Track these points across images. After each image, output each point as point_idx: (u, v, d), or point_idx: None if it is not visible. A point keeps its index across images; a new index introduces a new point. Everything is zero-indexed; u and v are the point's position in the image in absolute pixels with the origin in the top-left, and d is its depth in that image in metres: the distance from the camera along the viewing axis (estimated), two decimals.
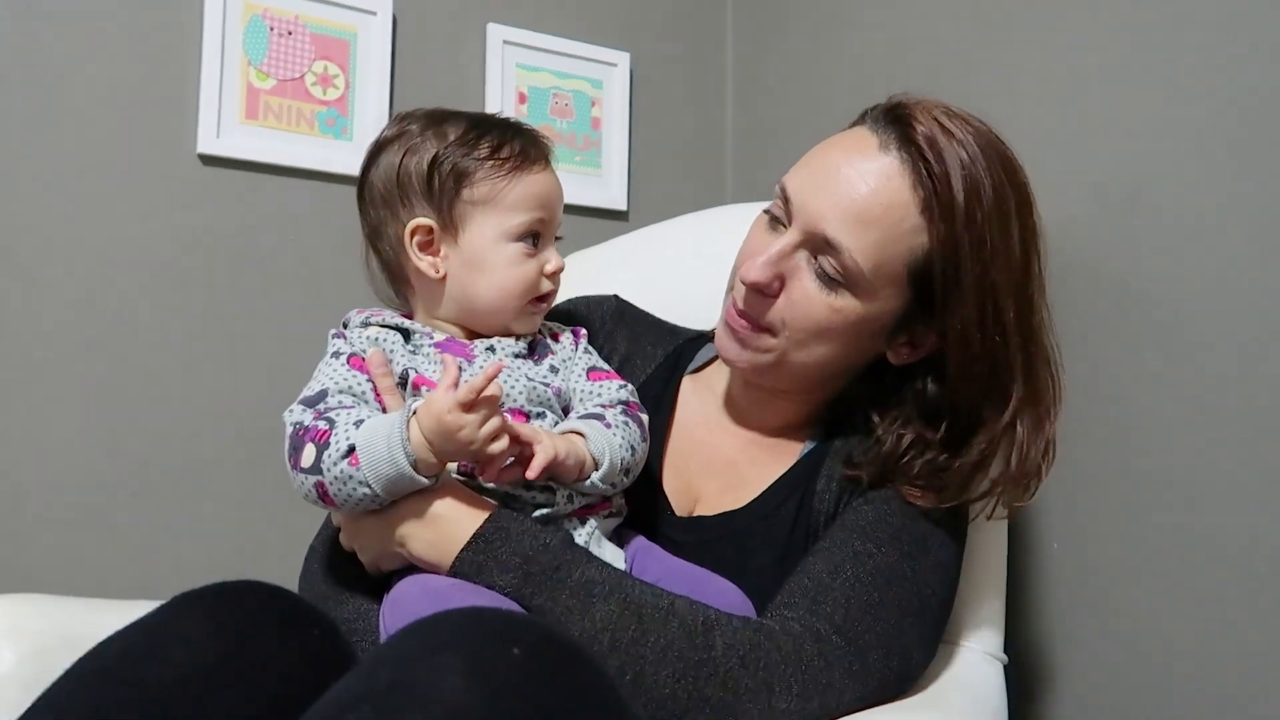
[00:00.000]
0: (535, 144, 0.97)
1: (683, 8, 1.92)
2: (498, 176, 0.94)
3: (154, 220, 1.48)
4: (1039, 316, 0.93)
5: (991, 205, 0.88)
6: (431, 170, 0.93)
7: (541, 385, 0.93)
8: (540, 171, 0.96)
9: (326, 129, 1.58)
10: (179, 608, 0.70)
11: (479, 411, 0.78)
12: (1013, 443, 0.91)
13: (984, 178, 0.88)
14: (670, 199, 1.82)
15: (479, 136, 0.95)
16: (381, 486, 0.80)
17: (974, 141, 0.89)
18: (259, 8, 1.54)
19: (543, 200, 0.95)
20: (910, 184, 0.89)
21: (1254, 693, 1.01)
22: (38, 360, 1.41)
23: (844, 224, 0.89)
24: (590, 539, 0.89)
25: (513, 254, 0.94)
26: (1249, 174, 1.03)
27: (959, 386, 0.92)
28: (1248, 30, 1.04)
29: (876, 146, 0.91)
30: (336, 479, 0.80)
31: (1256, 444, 1.02)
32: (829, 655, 0.83)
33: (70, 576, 1.38)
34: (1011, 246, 0.89)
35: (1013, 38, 1.32)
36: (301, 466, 0.82)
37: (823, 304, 0.92)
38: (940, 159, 0.87)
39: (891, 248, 0.89)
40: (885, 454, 0.95)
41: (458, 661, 0.57)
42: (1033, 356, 0.92)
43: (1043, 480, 0.94)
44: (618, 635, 0.79)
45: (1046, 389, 0.93)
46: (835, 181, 0.90)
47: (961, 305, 0.88)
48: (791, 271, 0.93)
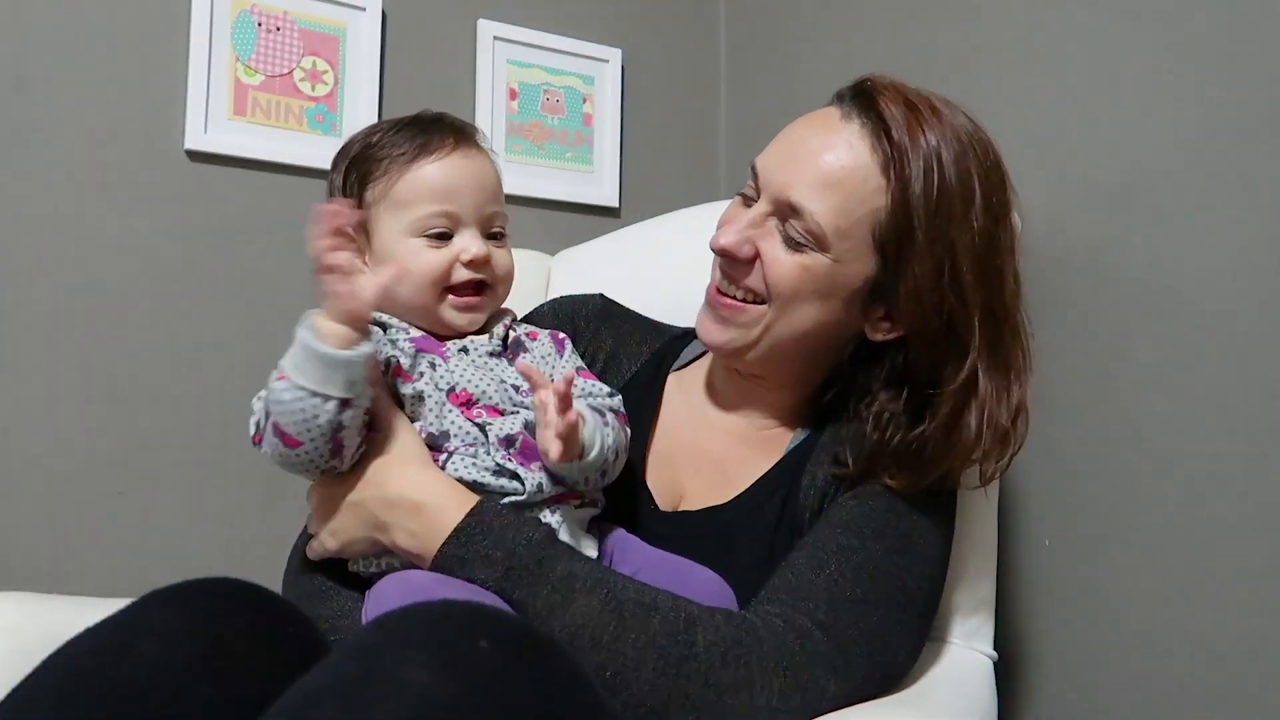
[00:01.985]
0: (441, 134, 0.94)
1: (675, 4, 1.92)
2: (392, 172, 0.93)
3: (141, 216, 1.47)
4: (1009, 288, 0.93)
5: (952, 169, 0.89)
6: (345, 178, 0.95)
7: (512, 387, 0.93)
8: (439, 160, 0.93)
9: (315, 125, 1.57)
10: (150, 605, 0.69)
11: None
12: (978, 403, 0.91)
13: (946, 145, 0.89)
14: (662, 195, 1.81)
15: (383, 135, 0.95)
16: (299, 373, 0.80)
17: (939, 116, 0.91)
18: (247, 3, 1.53)
19: (442, 191, 0.92)
20: (869, 146, 0.91)
21: (1244, 689, 1.01)
22: (24, 357, 1.40)
23: (809, 189, 0.91)
24: (560, 527, 0.88)
25: (414, 248, 0.93)
26: (1238, 169, 1.03)
27: (915, 345, 0.93)
28: (1237, 27, 1.04)
29: (840, 118, 0.93)
30: (276, 402, 0.81)
31: (1248, 439, 1.01)
32: (811, 651, 0.82)
33: (56, 574, 1.37)
34: (973, 212, 0.90)
35: (1003, 34, 1.31)
36: (260, 428, 0.84)
37: (793, 264, 0.93)
38: (899, 124, 0.90)
39: (855, 209, 0.90)
40: (865, 442, 0.95)
41: (425, 654, 0.57)
42: (999, 324, 0.92)
43: (1019, 445, 0.94)
44: (599, 631, 0.79)
45: (1015, 355, 0.93)
46: (800, 152, 0.93)
47: (915, 263, 0.89)
48: (762, 238, 0.94)
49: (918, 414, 0.93)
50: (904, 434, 0.93)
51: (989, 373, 0.91)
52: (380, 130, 0.96)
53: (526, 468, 0.88)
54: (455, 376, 0.90)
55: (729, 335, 0.97)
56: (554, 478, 0.89)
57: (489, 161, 0.98)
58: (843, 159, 0.91)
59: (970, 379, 0.91)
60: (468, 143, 0.96)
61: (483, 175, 0.95)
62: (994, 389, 0.91)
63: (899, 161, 0.89)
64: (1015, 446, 0.94)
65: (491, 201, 0.95)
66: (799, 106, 1.74)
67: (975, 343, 0.90)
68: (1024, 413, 0.93)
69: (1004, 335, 0.92)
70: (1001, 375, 0.92)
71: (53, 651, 0.67)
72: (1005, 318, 0.93)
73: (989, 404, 0.91)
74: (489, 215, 0.95)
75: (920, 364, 0.93)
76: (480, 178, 0.95)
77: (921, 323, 0.91)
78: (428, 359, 0.91)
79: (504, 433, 0.89)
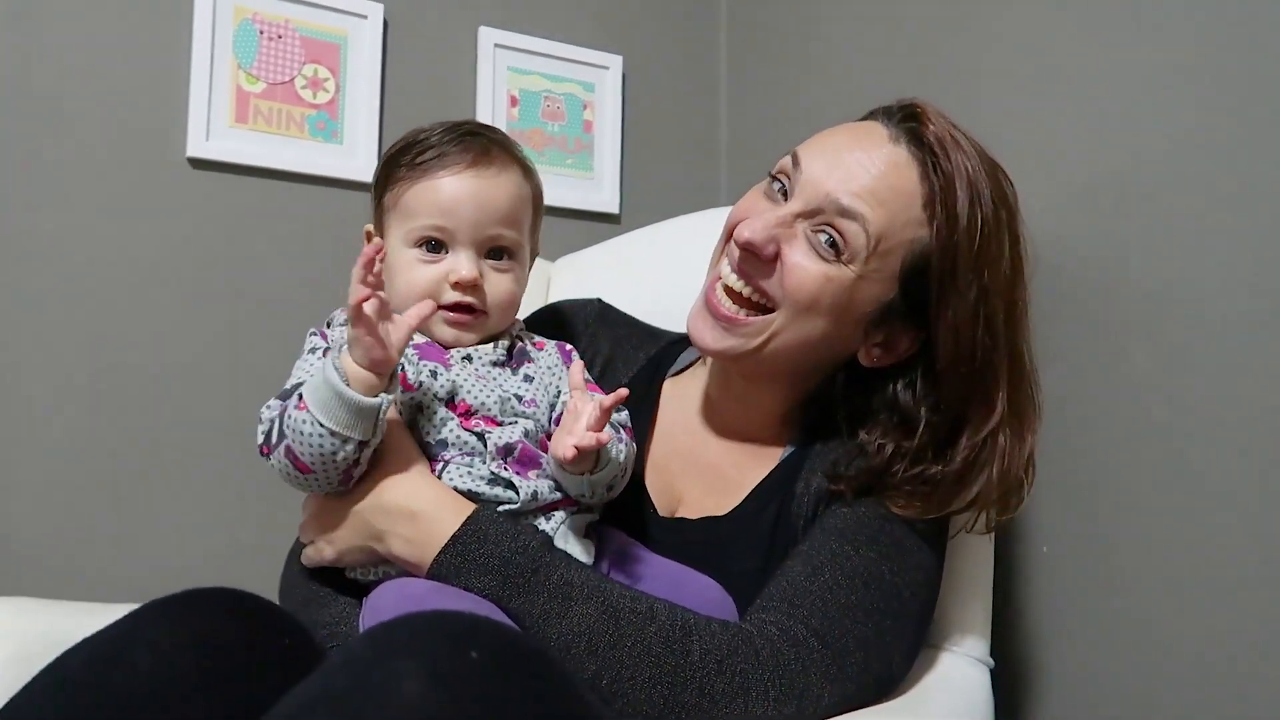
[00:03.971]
0: (464, 149, 0.93)
1: (675, 11, 1.92)
2: (406, 181, 0.93)
3: (143, 223, 1.48)
4: (1024, 331, 0.93)
5: (990, 213, 0.89)
6: (378, 176, 0.97)
7: (514, 397, 0.93)
8: (448, 175, 0.92)
9: (317, 132, 1.58)
10: (146, 615, 0.69)
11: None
12: (995, 451, 0.90)
13: (985, 187, 0.89)
14: (662, 202, 1.82)
15: (413, 142, 0.95)
16: (323, 413, 0.80)
17: (977, 153, 0.91)
18: (249, 11, 1.54)
19: (443, 206, 0.91)
20: (918, 176, 0.90)
21: (1242, 695, 1.00)
22: (26, 362, 1.41)
23: (861, 197, 0.89)
24: (556, 532, 0.89)
25: (409, 259, 0.93)
26: (1235, 174, 1.03)
27: (945, 386, 0.91)
28: (1234, 31, 1.04)
29: (888, 138, 0.92)
30: (294, 431, 0.81)
31: (1246, 444, 1.01)
32: (806, 659, 0.82)
33: (56, 580, 1.38)
34: (1005, 256, 0.90)
35: (1002, 40, 1.31)
36: (271, 442, 0.84)
37: (817, 273, 0.90)
38: (948, 159, 0.89)
39: (897, 232, 0.90)
40: (868, 468, 0.94)
41: (415, 665, 0.57)
42: (1020, 367, 0.92)
43: (1025, 496, 0.94)
44: (595, 639, 0.79)
45: (1029, 402, 0.93)
46: (848, 162, 0.91)
47: (958, 303, 0.88)
48: (788, 239, 0.92)
49: (933, 453, 0.92)
50: (913, 470, 0.92)
51: (1008, 421, 0.91)
52: (420, 134, 0.96)
53: (523, 476, 0.89)
54: (455, 386, 0.91)
55: (727, 344, 0.95)
56: (554, 487, 0.90)
57: (510, 184, 0.95)
58: (892, 181, 0.89)
59: (996, 427, 0.90)
60: (487, 162, 0.93)
61: (491, 196, 0.92)
62: (1012, 437, 0.91)
63: (945, 199, 0.88)
64: (1021, 496, 0.93)
65: (496, 224, 0.93)
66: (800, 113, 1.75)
67: (1003, 391, 0.90)
68: (1032, 463, 0.93)
69: (1024, 381, 0.92)
70: (1017, 422, 0.92)
71: (49, 662, 0.67)
72: (1022, 361, 0.93)
73: (1006, 454, 0.90)
74: (489, 236, 0.93)
75: (949, 405, 0.91)
76: (486, 198, 0.92)
77: (956, 365, 0.90)
78: (429, 366, 0.91)
79: (502, 441, 0.89)
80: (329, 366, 0.81)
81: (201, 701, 0.65)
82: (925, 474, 0.92)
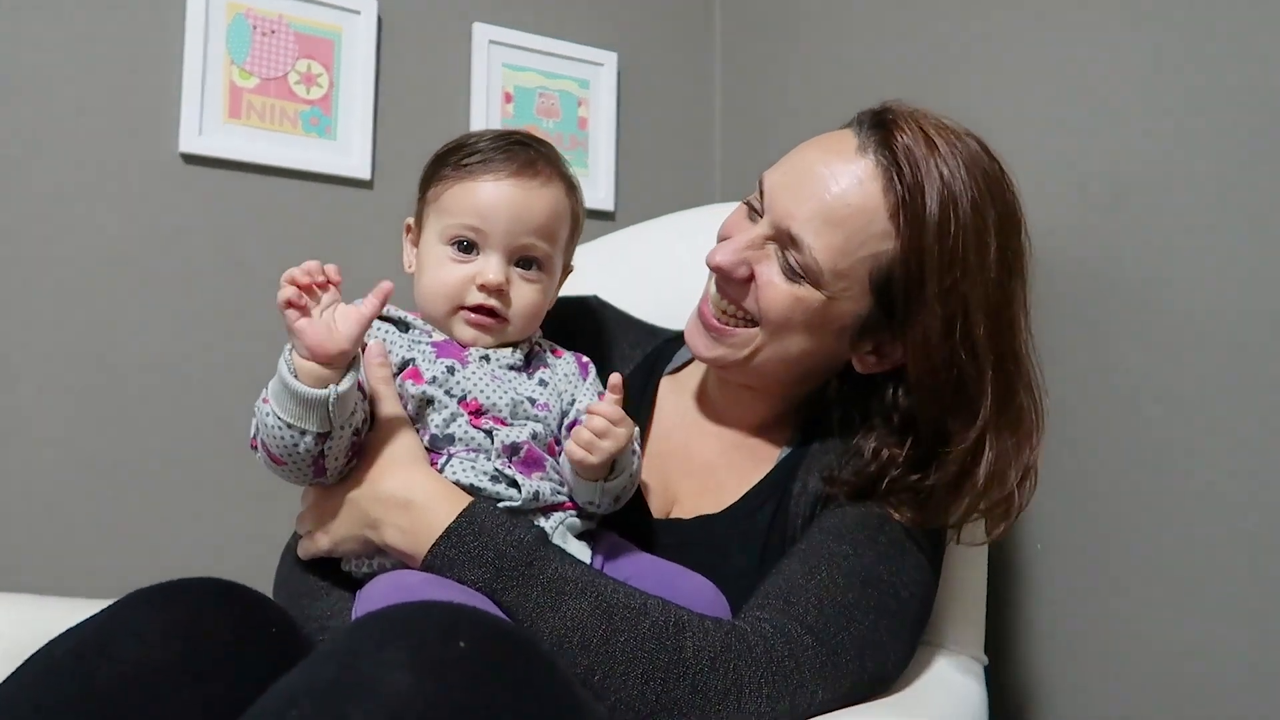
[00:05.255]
0: (509, 157, 0.94)
1: (670, 7, 1.92)
2: (450, 180, 0.94)
3: (136, 219, 1.47)
4: (1020, 339, 0.91)
5: (968, 220, 0.86)
6: (425, 173, 0.98)
7: (526, 400, 0.93)
8: (490, 181, 0.93)
9: (310, 128, 1.57)
10: (131, 605, 0.69)
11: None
12: (980, 463, 0.89)
13: (963, 192, 0.86)
14: (657, 199, 1.82)
15: (463, 144, 0.96)
16: (278, 405, 0.81)
17: (959, 156, 0.88)
18: (242, 6, 1.53)
19: (479, 209, 0.92)
20: (881, 188, 0.88)
21: (1237, 695, 1.00)
22: (18, 359, 1.40)
23: (809, 223, 0.89)
24: (555, 532, 0.88)
25: (440, 256, 0.94)
26: (1233, 172, 1.03)
27: (921, 398, 0.91)
28: (1231, 29, 1.04)
29: (855, 149, 0.90)
30: (261, 423, 0.83)
31: (1242, 443, 1.01)
32: (800, 656, 0.82)
33: (49, 576, 1.37)
34: (988, 263, 0.87)
35: (998, 37, 1.31)
36: (254, 435, 0.86)
37: (786, 292, 0.91)
38: (915, 167, 0.87)
39: (855, 251, 0.89)
40: (863, 472, 0.93)
41: (402, 655, 0.57)
42: (1011, 377, 0.90)
43: (1023, 509, 0.91)
44: (588, 634, 0.78)
45: (1027, 413, 0.91)
46: (808, 180, 0.90)
47: (925, 315, 0.87)
48: (760, 260, 0.93)
49: (922, 463, 0.92)
50: (905, 478, 0.92)
51: (999, 433, 0.89)
52: (471, 138, 0.97)
53: (527, 476, 0.89)
54: (469, 385, 0.91)
55: (718, 352, 0.97)
56: (557, 489, 0.90)
57: (550, 197, 0.95)
58: (850, 198, 0.88)
59: (979, 440, 0.88)
60: (532, 173, 0.94)
61: (528, 205, 0.93)
62: (1003, 450, 0.89)
63: (911, 208, 0.86)
64: (1018, 509, 0.91)
65: (529, 233, 0.93)
66: (794, 110, 1.75)
67: (987, 402, 0.88)
68: (1032, 476, 0.90)
69: (1017, 393, 0.90)
70: (1011, 434, 0.89)
71: (34, 652, 0.66)
72: (1018, 373, 0.90)
73: (997, 465, 0.88)
74: (522, 245, 0.93)
75: (926, 416, 0.91)
76: (524, 206, 0.93)
77: (929, 376, 0.89)
78: (446, 363, 0.91)
79: (509, 440, 0.89)
80: (282, 359, 0.82)
81: (187, 690, 0.65)
82: (919, 483, 0.91)
